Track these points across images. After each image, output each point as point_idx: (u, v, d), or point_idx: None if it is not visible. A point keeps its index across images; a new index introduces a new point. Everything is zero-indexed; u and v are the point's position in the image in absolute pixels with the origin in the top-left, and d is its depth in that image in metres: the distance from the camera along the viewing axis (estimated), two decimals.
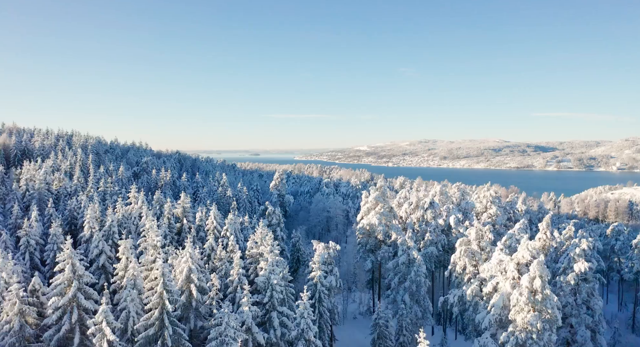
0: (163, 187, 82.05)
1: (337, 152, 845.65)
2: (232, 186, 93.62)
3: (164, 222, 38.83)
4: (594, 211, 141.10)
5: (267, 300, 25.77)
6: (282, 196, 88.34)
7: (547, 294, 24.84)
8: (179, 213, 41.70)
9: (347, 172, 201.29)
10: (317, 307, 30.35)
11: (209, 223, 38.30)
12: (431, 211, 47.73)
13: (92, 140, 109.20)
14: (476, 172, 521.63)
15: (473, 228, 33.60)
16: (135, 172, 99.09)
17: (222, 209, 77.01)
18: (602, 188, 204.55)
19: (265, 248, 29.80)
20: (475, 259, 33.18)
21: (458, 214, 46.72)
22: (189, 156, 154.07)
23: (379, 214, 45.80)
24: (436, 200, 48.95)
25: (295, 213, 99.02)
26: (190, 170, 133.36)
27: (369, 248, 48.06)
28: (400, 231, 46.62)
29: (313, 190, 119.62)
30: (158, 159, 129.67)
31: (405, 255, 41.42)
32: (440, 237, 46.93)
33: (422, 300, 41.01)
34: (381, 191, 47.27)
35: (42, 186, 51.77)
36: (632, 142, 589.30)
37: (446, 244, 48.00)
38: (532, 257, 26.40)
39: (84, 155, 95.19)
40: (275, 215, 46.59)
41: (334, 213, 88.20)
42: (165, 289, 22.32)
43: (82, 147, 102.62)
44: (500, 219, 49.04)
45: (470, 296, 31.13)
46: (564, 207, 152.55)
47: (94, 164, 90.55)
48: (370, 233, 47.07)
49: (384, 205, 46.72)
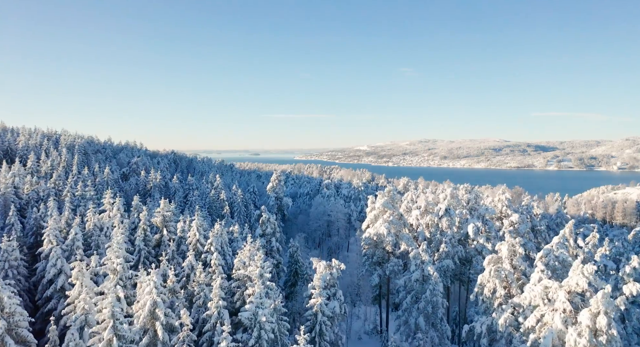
0: (152, 190, 76.45)
1: (337, 152, 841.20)
2: (227, 188, 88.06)
3: (138, 234, 33.24)
4: (601, 212, 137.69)
5: (253, 342, 20.27)
6: (279, 198, 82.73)
7: (614, 335, 19.32)
8: (158, 222, 36.07)
9: (347, 172, 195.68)
10: (317, 342, 24.88)
11: (191, 235, 32.69)
12: (447, 219, 42.15)
13: (80, 140, 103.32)
14: (477, 172, 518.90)
15: (504, 243, 28.06)
16: (125, 173, 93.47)
17: (214, 213, 71.43)
18: (604, 188, 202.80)
19: (254, 270, 24.26)
20: (508, 281, 27.66)
21: (477, 223, 41.18)
22: (185, 156, 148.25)
23: (387, 223, 40.23)
24: (448, 204, 43.32)
25: (294, 216, 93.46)
26: (186, 171, 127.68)
27: (376, 260, 42.51)
28: (411, 241, 41.07)
29: (313, 192, 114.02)
30: (152, 159, 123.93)
31: (419, 271, 35.90)
32: (456, 248, 41.36)
33: (439, 323, 35.52)
34: (390, 196, 41.70)
35: (8, 190, 46.11)
36: (633, 142, 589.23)
37: (463, 256, 42.44)
38: (589, 284, 20.87)
39: (69, 156, 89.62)
40: (270, 223, 41.06)
41: (335, 217, 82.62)
42: (116, 333, 16.77)
43: (68, 147, 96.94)
44: (523, 228, 43.50)
45: (503, 327, 25.59)
46: (570, 209, 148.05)
47: (80, 165, 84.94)
48: (378, 244, 41.52)
49: (393, 212, 41.15)
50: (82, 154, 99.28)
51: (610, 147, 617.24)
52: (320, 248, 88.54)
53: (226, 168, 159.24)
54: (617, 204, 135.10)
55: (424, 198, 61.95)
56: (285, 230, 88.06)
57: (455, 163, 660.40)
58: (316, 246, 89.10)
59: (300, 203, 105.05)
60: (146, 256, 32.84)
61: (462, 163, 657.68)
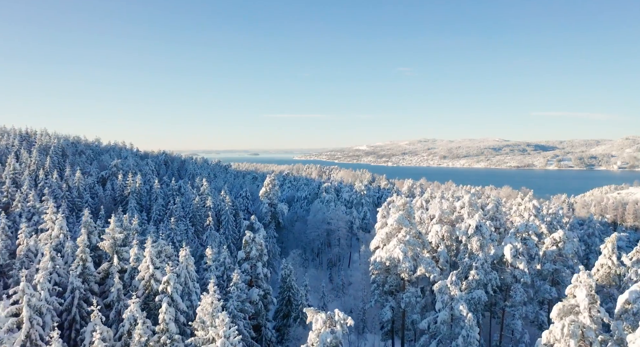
0: (129, 197, 67.73)
1: (337, 152, 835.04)
2: (217, 192, 79.51)
3: (72, 267, 24.71)
4: (612, 213, 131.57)
5: None
6: (273, 205, 74.13)
7: None
8: (106, 247, 27.52)
9: (347, 173, 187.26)
10: None
11: (142, 269, 24.18)
12: (478, 238, 33.67)
13: (56, 140, 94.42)
14: (477, 171, 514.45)
15: (581, 288, 19.55)
16: (104, 177, 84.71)
17: (198, 224, 62.90)
18: (607, 188, 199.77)
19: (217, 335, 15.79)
20: (588, 341, 19.26)
21: (516, 243, 32.72)
22: (178, 157, 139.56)
23: (403, 244, 31.79)
24: (479, 220, 34.76)
25: (290, 224, 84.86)
26: (177, 173, 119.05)
27: (388, 289, 34.08)
28: (433, 266, 32.67)
29: (311, 195, 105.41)
30: (142, 160, 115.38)
31: (447, 310, 27.49)
32: (490, 275, 32.88)
33: None
34: (406, 209, 33.25)
35: None
36: (633, 141, 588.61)
37: (497, 284, 34.00)
38: None
39: (42, 158, 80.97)
40: (255, 244, 32.57)
41: (336, 225, 74.07)
42: None
43: (41, 149, 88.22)
44: (569, 248, 35.04)
45: None
46: (579, 211, 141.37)
47: (52, 169, 76.25)
48: (391, 269, 33.13)
49: (409, 230, 32.70)
50: (59, 155, 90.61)
51: (610, 147, 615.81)
52: (319, 259, 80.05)
53: (220, 169, 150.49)
54: (627, 205, 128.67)
55: (437, 206, 53.43)
56: (280, 238, 79.58)
57: (455, 163, 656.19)
58: (315, 255, 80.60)
59: (297, 208, 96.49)
60: (84, 297, 24.29)
61: (461, 163, 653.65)
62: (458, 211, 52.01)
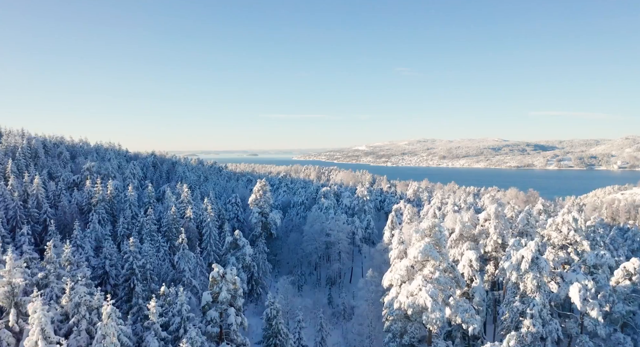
0: (96, 208, 58.40)
1: (336, 152, 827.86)
2: (200, 200, 70.25)
3: None
4: (624, 216, 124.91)
5: None
6: (264, 214, 64.89)
7: None
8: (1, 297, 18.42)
9: (347, 174, 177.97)
10: None
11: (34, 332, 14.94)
12: (534, 273, 24.50)
13: (23, 141, 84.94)
14: (477, 171, 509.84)
15: None
16: (76, 182, 75.32)
17: (174, 239, 53.68)
18: (610, 188, 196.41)
19: None
20: None
21: (585, 281, 23.74)
22: (168, 158, 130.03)
23: (432, 284, 22.79)
24: (536, 249, 25.51)
25: (284, 234, 75.60)
26: (166, 176, 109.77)
27: (409, 343, 25.03)
28: (472, 313, 23.61)
29: (309, 200, 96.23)
30: (127, 162, 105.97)
31: None
32: (550, 326, 23.80)
33: None
34: (433, 234, 24.15)
35: None
36: (633, 141, 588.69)
37: (558, 335, 24.93)
38: None
39: (3, 161, 71.66)
40: (226, 282, 23.37)
41: (336, 237, 65.01)
42: None
43: (6, 151, 78.92)
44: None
45: None
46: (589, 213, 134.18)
47: (14, 173, 67.01)
48: (414, 316, 24.13)
49: (439, 264, 23.64)
50: (27, 158, 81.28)
51: (610, 146, 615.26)
52: (317, 273, 70.87)
53: (214, 171, 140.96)
54: None
55: (457, 218, 44.59)
56: (273, 251, 70.43)
57: (455, 163, 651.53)
58: (312, 269, 71.44)
59: (293, 215, 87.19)
60: None
61: (461, 163, 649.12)
62: (482, 224, 43.22)
